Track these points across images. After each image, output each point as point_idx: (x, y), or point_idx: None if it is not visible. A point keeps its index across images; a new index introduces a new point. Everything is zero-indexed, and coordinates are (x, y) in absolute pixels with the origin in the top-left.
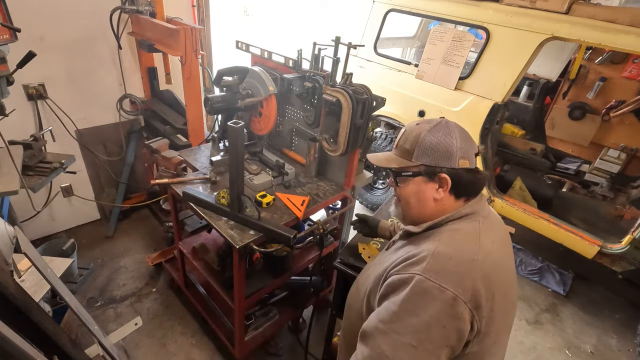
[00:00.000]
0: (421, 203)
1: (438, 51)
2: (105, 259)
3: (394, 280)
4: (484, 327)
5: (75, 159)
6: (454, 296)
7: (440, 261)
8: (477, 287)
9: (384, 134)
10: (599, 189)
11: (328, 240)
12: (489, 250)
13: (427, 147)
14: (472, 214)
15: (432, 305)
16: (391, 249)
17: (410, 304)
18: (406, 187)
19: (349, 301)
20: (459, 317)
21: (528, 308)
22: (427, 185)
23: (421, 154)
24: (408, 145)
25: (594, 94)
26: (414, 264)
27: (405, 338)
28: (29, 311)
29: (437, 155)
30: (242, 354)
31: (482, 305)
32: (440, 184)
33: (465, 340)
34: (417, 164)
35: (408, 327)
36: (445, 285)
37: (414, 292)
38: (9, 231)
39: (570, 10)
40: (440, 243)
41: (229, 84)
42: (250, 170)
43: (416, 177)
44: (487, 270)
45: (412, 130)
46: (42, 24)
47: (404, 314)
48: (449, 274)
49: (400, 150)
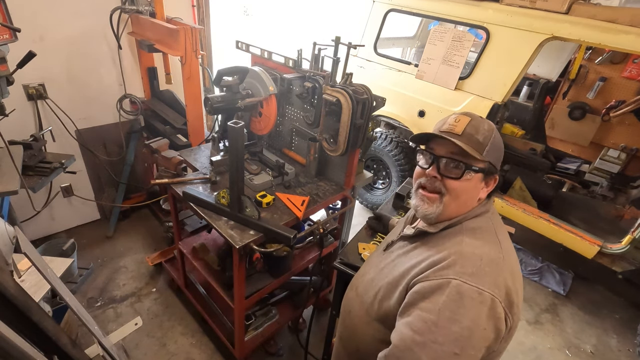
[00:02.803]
0: (469, 201)
1: (438, 51)
2: (105, 259)
3: (424, 286)
4: (513, 323)
5: (75, 159)
6: (492, 297)
7: (472, 263)
8: (509, 285)
9: (384, 134)
10: (599, 189)
11: (328, 240)
12: (507, 246)
13: (497, 146)
14: (485, 212)
15: (472, 309)
16: (394, 250)
17: (449, 311)
18: (467, 182)
19: (348, 307)
20: (497, 317)
21: (528, 308)
22: (481, 183)
23: (491, 151)
24: (481, 137)
25: (594, 94)
26: (445, 267)
27: (448, 347)
28: (29, 311)
29: (499, 155)
30: (242, 354)
31: (514, 302)
32: (488, 184)
33: (501, 338)
34: (486, 160)
35: (449, 335)
36: (482, 287)
37: (452, 297)
38: (9, 231)
39: (570, 10)
40: (463, 243)
41: (229, 84)
42: (250, 170)
43: (478, 174)
44: (511, 266)
45: (481, 122)
46: (42, 24)
47: (444, 321)
48: (483, 275)
49: (470, 140)
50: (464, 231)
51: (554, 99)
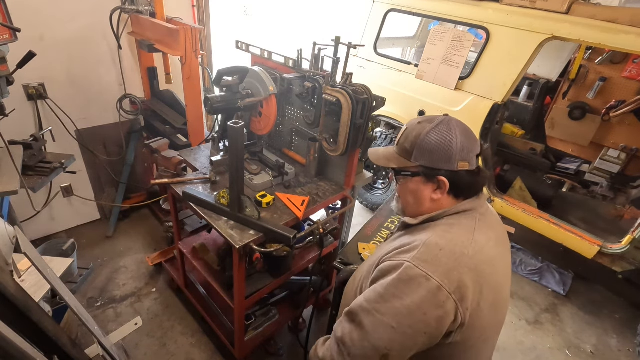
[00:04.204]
0: (419, 202)
1: (438, 51)
2: (105, 259)
3: (385, 266)
4: (469, 319)
5: (75, 159)
6: (438, 285)
7: (430, 251)
8: (464, 280)
9: (384, 134)
10: (599, 189)
11: (328, 240)
12: (482, 246)
13: (426, 149)
14: (470, 210)
15: (416, 292)
16: (389, 240)
17: (396, 288)
18: (405, 186)
19: (346, 290)
20: (440, 306)
21: (528, 308)
22: (425, 185)
23: (420, 155)
24: (408, 144)
25: (594, 94)
26: (406, 252)
27: (387, 318)
28: (29, 311)
29: (435, 156)
30: (242, 354)
31: (467, 297)
32: (439, 185)
33: (447, 330)
34: (416, 164)
35: (390, 309)
36: (431, 274)
37: (401, 277)
38: (9, 231)
39: (570, 10)
40: (434, 234)
41: (229, 84)
42: (250, 170)
43: (415, 177)
44: (476, 265)
45: (413, 129)
46: (42, 24)
47: (389, 296)
48: (437, 264)
49: (400, 149)
50: (440, 225)
51: (554, 99)
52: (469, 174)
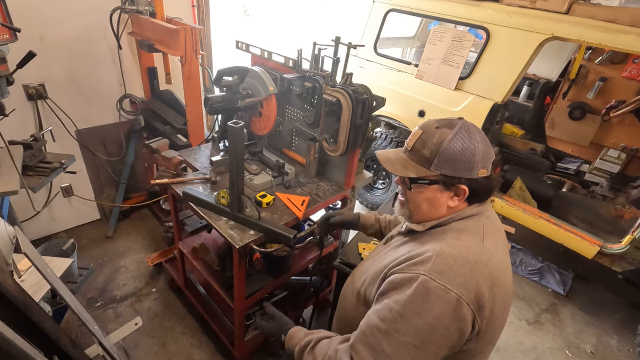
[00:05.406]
0: (433, 209)
1: (438, 51)
2: (105, 259)
3: (396, 278)
4: (484, 327)
5: (75, 159)
6: (458, 298)
7: (445, 262)
8: (481, 288)
9: (384, 134)
10: (599, 189)
11: (328, 240)
12: (492, 252)
13: (449, 157)
14: (477, 214)
15: (436, 306)
16: (391, 244)
17: (414, 304)
18: (420, 194)
19: (344, 292)
20: (462, 318)
21: (528, 308)
22: (442, 193)
23: (441, 163)
24: (427, 152)
25: (594, 94)
26: (419, 263)
27: (408, 337)
28: (29, 311)
29: (458, 165)
30: (242, 354)
31: (484, 306)
32: (457, 193)
33: (466, 339)
34: (436, 173)
35: (411, 327)
36: (449, 286)
37: (418, 292)
38: (9, 231)
39: (570, 10)
40: (445, 243)
41: (229, 84)
42: (250, 170)
43: (432, 185)
44: (490, 272)
45: (432, 135)
46: (42, 24)
47: (408, 313)
48: (453, 275)
49: (416, 156)
50: (450, 231)
51: (554, 99)
52: (485, 180)
